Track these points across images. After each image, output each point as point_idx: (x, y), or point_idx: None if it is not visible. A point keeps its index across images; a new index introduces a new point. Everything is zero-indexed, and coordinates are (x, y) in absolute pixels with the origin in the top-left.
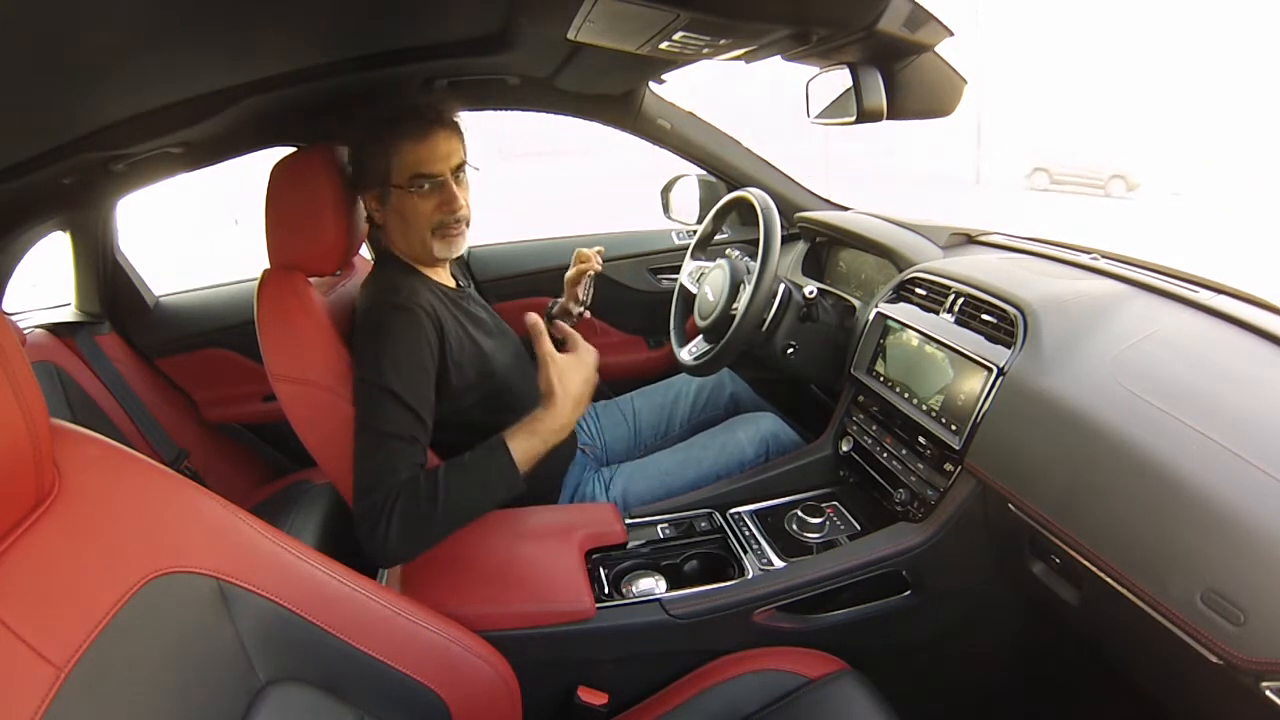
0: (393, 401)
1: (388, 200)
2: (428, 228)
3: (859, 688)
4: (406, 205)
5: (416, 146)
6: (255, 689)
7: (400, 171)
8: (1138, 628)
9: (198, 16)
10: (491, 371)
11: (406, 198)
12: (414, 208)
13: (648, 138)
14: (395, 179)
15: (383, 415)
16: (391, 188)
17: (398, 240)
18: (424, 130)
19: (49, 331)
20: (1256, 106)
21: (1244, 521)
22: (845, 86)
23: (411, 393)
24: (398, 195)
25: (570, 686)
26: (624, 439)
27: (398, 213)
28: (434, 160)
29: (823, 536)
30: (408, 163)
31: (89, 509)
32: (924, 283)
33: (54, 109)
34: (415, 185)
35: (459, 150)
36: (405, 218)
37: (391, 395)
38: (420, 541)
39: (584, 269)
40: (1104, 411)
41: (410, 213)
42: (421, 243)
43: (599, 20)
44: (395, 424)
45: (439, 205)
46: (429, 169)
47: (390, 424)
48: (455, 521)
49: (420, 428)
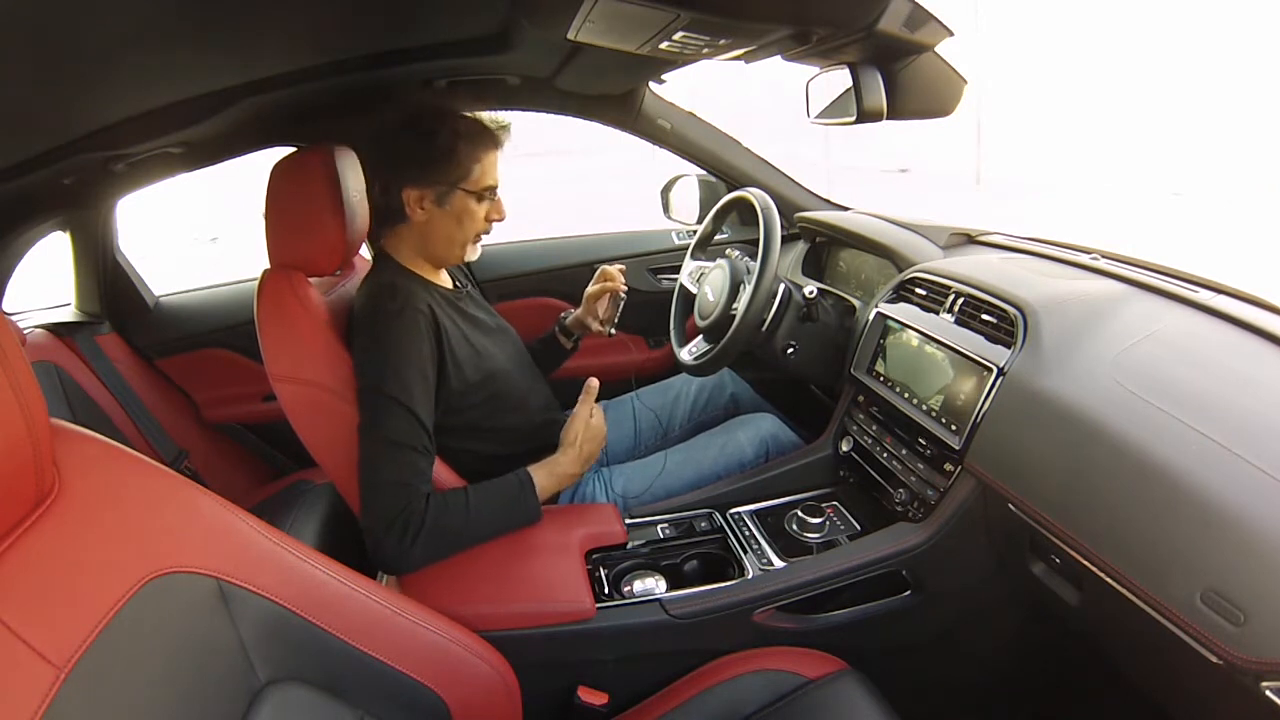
0: (400, 410)
1: (448, 200)
2: (474, 232)
3: (859, 688)
4: (468, 209)
5: (493, 160)
6: (255, 689)
7: (479, 179)
8: (1138, 628)
9: (197, 16)
10: (491, 372)
11: (472, 203)
12: (474, 213)
13: (648, 138)
14: (471, 184)
15: (391, 424)
16: (460, 190)
17: (425, 241)
18: (498, 145)
19: (49, 331)
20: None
21: (1244, 521)
22: (845, 86)
23: (415, 401)
24: (463, 199)
25: (570, 686)
26: (624, 439)
27: (454, 214)
28: (497, 175)
29: (823, 536)
30: (488, 173)
31: (89, 509)
32: (924, 283)
33: (54, 109)
34: (487, 195)
35: None
36: (461, 220)
37: (397, 404)
38: (438, 556)
39: (608, 288)
40: (1104, 411)
41: (469, 217)
42: (461, 245)
43: (599, 20)
44: (404, 434)
45: (488, 214)
46: (496, 181)
47: (399, 434)
48: (473, 542)
49: (427, 437)
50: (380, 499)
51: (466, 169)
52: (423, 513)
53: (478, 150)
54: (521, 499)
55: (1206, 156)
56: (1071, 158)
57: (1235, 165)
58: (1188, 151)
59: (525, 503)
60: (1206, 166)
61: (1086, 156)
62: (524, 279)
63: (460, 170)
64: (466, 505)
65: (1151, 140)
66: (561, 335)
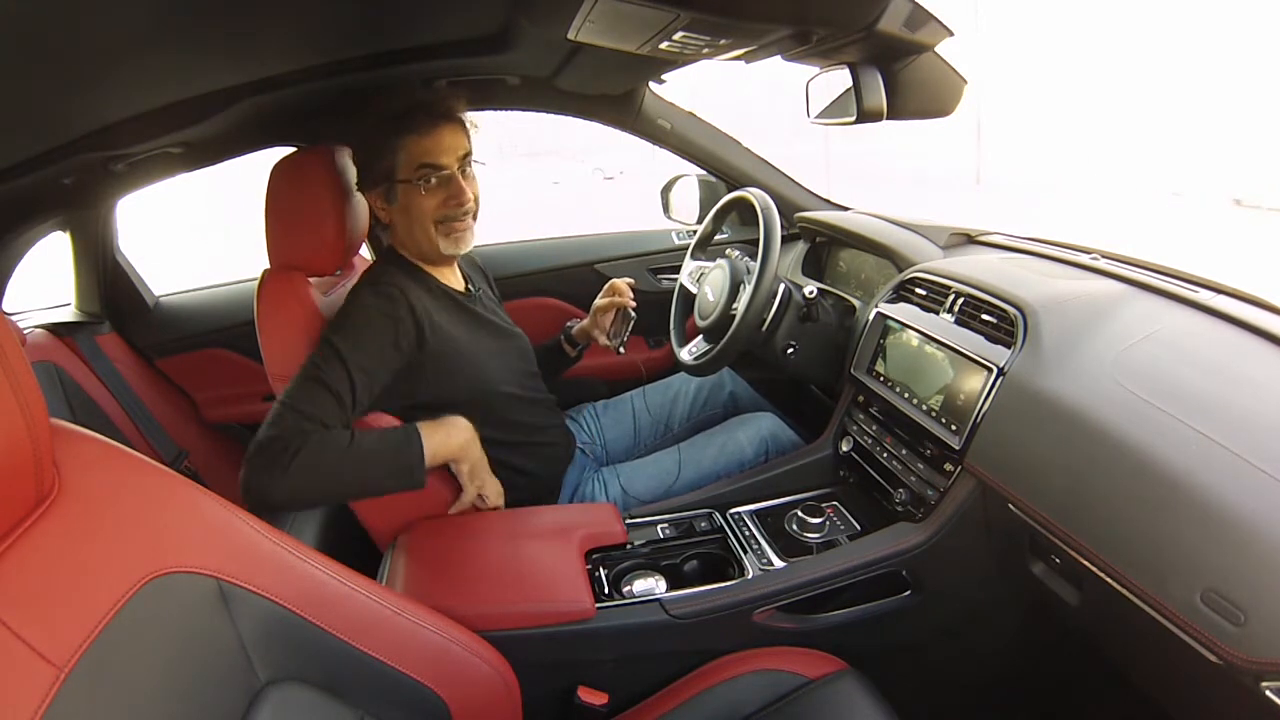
0: (337, 360)
1: (394, 197)
2: (432, 222)
3: (859, 688)
4: (413, 200)
5: (422, 140)
6: (255, 689)
7: (406, 165)
8: (1138, 628)
9: (198, 16)
10: (482, 382)
11: (413, 192)
12: (419, 203)
13: (648, 138)
14: (401, 173)
15: (323, 368)
16: (397, 183)
17: (405, 239)
18: (430, 124)
19: (49, 331)
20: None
21: (1244, 521)
22: (845, 86)
23: (356, 362)
24: (404, 190)
25: (570, 686)
26: (624, 439)
27: (404, 209)
28: (440, 153)
29: (823, 536)
30: (413, 155)
31: (89, 509)
32: (924, 283)
33: (54, 109)
34: (421, 178)
35: (464, 143)
36: (411, 213)
37: (337, 354)
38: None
39: (617, 302)
40: (1104, 411)
41: (416, 208)
42: (428, 239)
43: (599, 20)
44: (330, 379)
45: (445, 200)
46: (434, 160)
47: (325, 377)
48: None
49: (351, 396)
50: (274, 420)
51: (391, 161)
52: (311, 435)
53: (397, 138)
54: (406, 447)
55: (1206, 157)
56: (1071, 158)
57: (1235, 165)
58: (1188, 152)
59: (409, 451)
60: (1206, 167)
61: (1086, 156)
62: (524, 279)
63: (385, 164)
64: (349, 443)
65: (1151, 141)
66: (567, 344)
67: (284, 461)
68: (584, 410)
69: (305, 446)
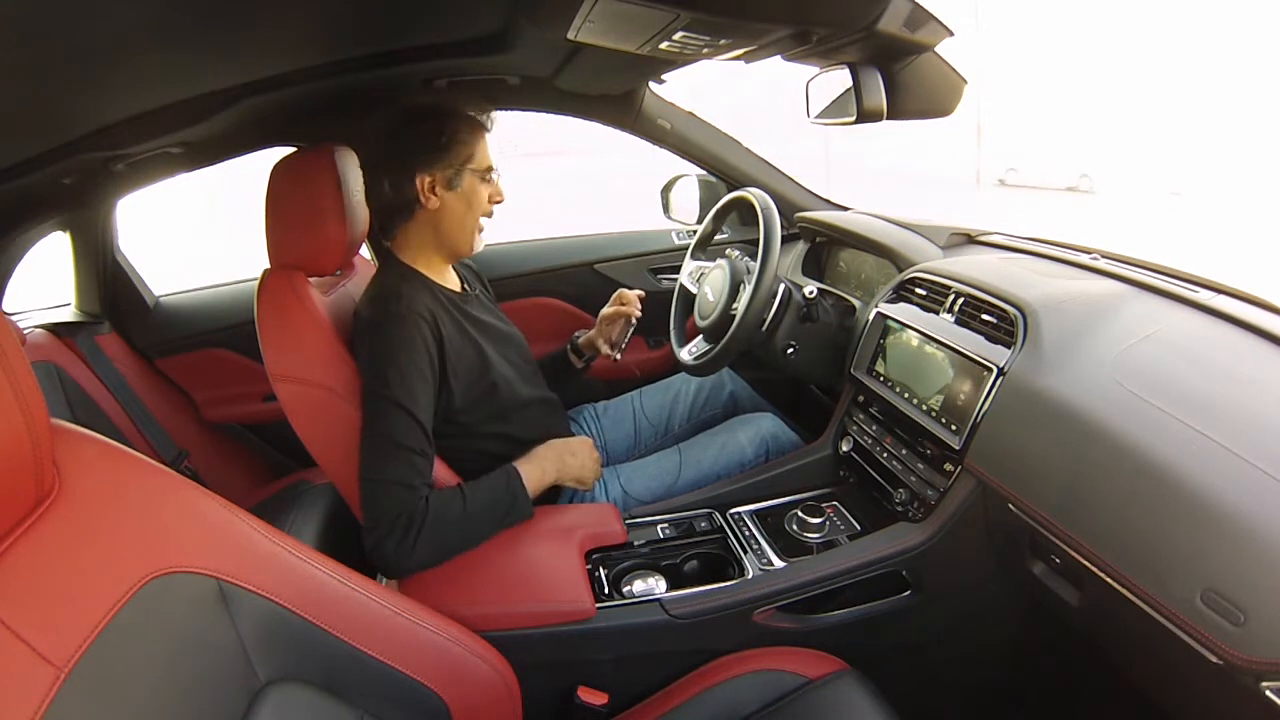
0: (402, 413)
1: (459, 182)
2: (480, 214)
3: (859, 688)
4: (475, 190)
5: (486, 141)
6: (255, 689)
7: (481, 160)
8: (1138, 628)
9: (198, 16)
10: (491, 383)
11: (478, 183)
12: (480, 195)
13: (648, 138)
14: (476, 165)
15: (393, 426)
16: (468, 170)
17: (448, 224)
18: (487, 129)
19: (49, 331)
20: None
21: (1244, 521)
22: (845, 86)
23: (417, 404)
24: (471, 179)
25: (570, 686)
26: (624, 439)
27: (464, 197)
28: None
29: (823, 536)
30: (484, 153)
31: (89, 509)
32: (924, 283)
33: (54, 109)
34: (490, 175)
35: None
36: (469, 202)
37: (399, 407)
38: (438, 557)
39: (623, 312)
40: (1104, 411)
41: (475, 198)
42: (471, 231)
43: (599, 20)
44: (405, 435)
45: (491, 195)
46: (493, 163)
47: (401, 435)
48: (471, 543)
49: (427, 439)
50: (381, 499)
51: (471, 150)
52: (423, 513)
53: (476, 133)
54: (511, 492)
55: (1206, 157)
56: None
57: (1235, 165)
58: (1187, 152)
59: (515, 495)
60: (1206, 166)
61: (1086, 156)
62: (524, 279)
63: (466, 151)
64: (464, 503)
65: (1151, 140)
66: (573, 354)
67: (409, 545)
68: (584, 411)
69: (425, 525)
